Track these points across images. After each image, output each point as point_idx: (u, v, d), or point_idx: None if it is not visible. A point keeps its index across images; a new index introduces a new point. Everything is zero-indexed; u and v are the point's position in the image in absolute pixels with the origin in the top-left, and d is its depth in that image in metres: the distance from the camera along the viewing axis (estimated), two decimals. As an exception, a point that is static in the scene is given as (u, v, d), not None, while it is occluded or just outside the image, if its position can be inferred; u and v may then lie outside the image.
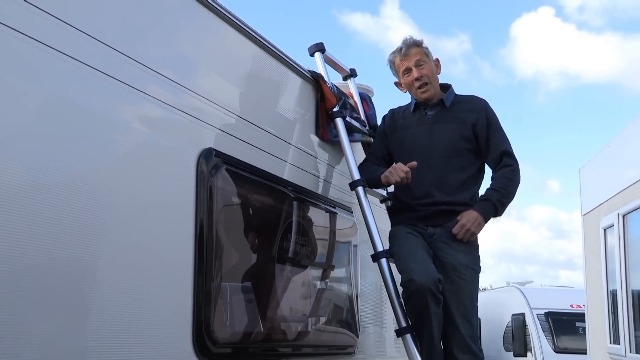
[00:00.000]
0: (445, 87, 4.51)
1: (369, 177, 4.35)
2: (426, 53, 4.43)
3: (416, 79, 4.33)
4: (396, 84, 4.55)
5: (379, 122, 4.82)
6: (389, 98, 5.64)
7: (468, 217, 4.18)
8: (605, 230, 7.83)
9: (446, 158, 4.31)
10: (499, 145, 4.37)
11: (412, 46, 4.40)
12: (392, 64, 4.51)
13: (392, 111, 4.65)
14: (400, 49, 4.42)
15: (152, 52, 2.97)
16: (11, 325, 2.24)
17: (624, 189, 7.20)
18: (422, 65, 4.36)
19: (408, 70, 4.37)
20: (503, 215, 4.37)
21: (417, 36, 4.51)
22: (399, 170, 4.15)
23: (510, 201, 4.37)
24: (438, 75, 4.49)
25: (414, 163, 4.14)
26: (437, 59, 4.49)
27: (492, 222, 4.32)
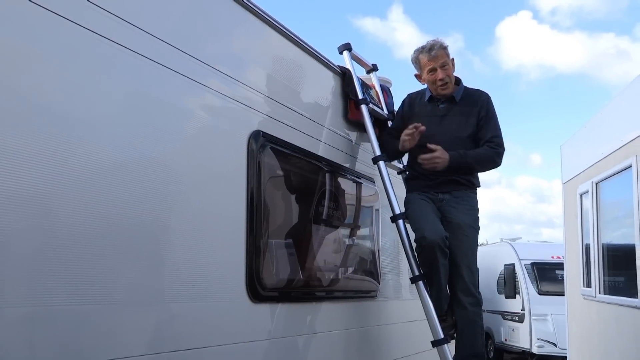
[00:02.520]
0: (457, 81, 4.43)
1: (389, 150, 4.35)
2: (448, 55, 4.35)
3: (440, 79, 4.26)
4: (416, 76, 4.45)
5: (396, 108, 4.79)
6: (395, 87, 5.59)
7: (442, 155, 4.09)
8: (581, 195, 7.82)
9: (452, 144, 4.24)
10: (490, 131, 4.31)
11: (440, 49, 4.30)
12: (417, 60, 4.39)
13: (410, 97, 4.58)
14: (430, 49, 4.29)
15: (212, 52, 2.98)
16: (105, 270, 2.29)
17: (597, 162, 7.16)
18: (445, 67, 4.28)
19: (433, 70, 4.28)
20: (480, 185, 4.39)
21: (422, 39, 4.53)
22: (409, 136, 4.15)
23: (477, 169, 4.34)
24: (454, 72, 4.40)
25: (423, 128, 4.12)
26: (453, 59, 4.40)
27: (482, 189, 4.30)
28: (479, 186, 4.41)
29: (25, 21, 2.08)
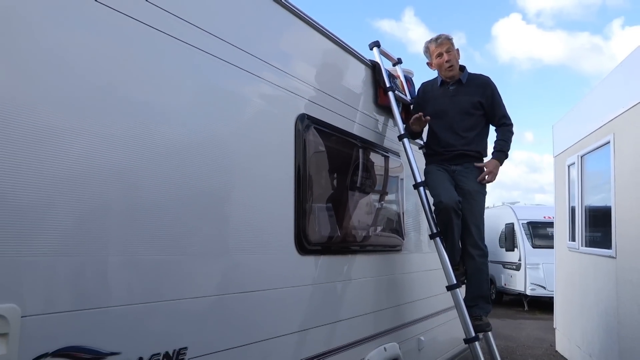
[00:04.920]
0: (462, 68, 4.40)
1: (410, 131, 4.32)
2: (453, 44, 4.35)
3: (446, 61, 4.27)
4: (428, 64, 4.44)
5: (417, 94, 4.76)
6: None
7: (491, 166, 4.19)
8: (569, 166, 7.76)
9: (461, 119, 4.25)
10: (499, 111, 4.33)
11: (445, 39, 4.33)
12: (427, 49, 4.40)
13: (423, 85, 4.56)
14: (437, 39, 4.34)
15: (265, 50, 2.96)
16: (184, 229, 2.32)
17: (582, 138, 7.12)
18: (450, 52, 4.30)
19: (440, 55, 4.30)
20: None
21: (430, 36, 4.49)
22: (414, 117, 4.18)
23: (510, 147, 4.35)
24: (459, 60, 4.39)
25: (427, 118, 4.18)
26: (458, 49, 4.37)
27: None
28: (486, 155, 4.39)
29: (124, 33, 2.10)
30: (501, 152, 4.26)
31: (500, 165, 4.23)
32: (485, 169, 4.18)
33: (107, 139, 2.01)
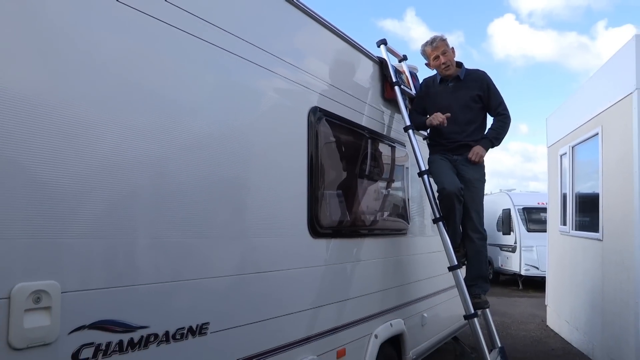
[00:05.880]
0: (459, 64, 4.36)
1: (416, 123, 4.29)
2: (447, 45, 4.30)
3: (443, 63, 4.25)
4: (426, 64, 4.41)
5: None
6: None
7: (476, 149, 4.15)
8: (561, 156, 7.74)
9: (462, 113, 4.22)
10: (496, 103, 4.28)
11: (440, 41, 4.28)
12: (424, 52, 4.36)
13: (425, 81, 4.54)
14: (432, 42, 4.29)
15: (280, 47, 2.94)
16: (206, 213, 2.33)
17: (574, 130, 7.11)
18: (445, 53, 4.25)
19: (437, 57, 4.27)
20: (501, 144, 4.35)
21: (431, 34, 4.45)
22: (438, 116, 4.13)
23: (503, 136, 4.30)
24: (454, 58, 4.34)
25: (449, 115, 4.12)
26: (453, 48, 4.33)
27: (491, 151, 4.32)
28: None
29: (151, 34, 2.11)
30: (486, 140, 4.23)
31: (485, 150, 4.19)
32: (471, 151, 4.16)
33: (136, 132, 2.02)
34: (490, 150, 4.26)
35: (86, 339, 1.78)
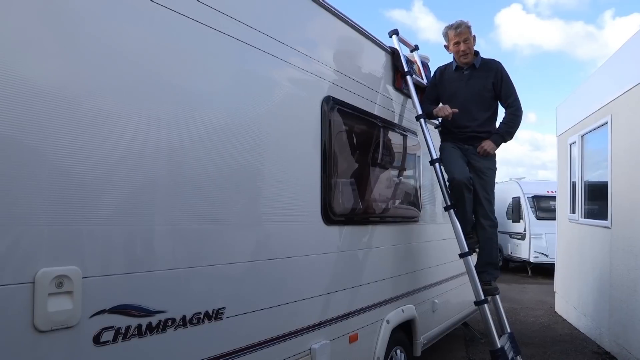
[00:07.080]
0: (475, 53, 4.29)
1: (427, 112, 4.25)
2: (471, 32, 4.23)
3: (462, 50, 4.19)
4: (445, 46, 4.34)
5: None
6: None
7: (486, 144, 4.11)
8: (570, 145, 7.66)
9: (474, 102, 4.18)
10: (508, 94, 4.21)
11: (464, 28, 4.20)
12: (446, 34, 4.29)
13: (439, 69, 4.46)
14: (457, 27, 4.21)
15: (294, 38, 2.93)
16: (222, 201, 2.33)
17: (583, 119, 7.04)
18: (467, 41, 4.19)
19: (457, 43, 4.20)
20: (513, 138, 4.26)
21: (438, 25, 4.51)
22: (445, 109, 4.09)
23: (515, 130, 4.23)
24: (474, 47, 4.28)
25: (456, 110, 4.08)
26: (475, 36, 4.26)
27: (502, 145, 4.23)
28: None
29: (170, 26, 2.10)
30: (498, 135, 4.16)
31: (496, 146, 4.13)
32: (481, 145, 4.12)
33: (156, 122, 2.02)
34: (502, 145, 4.20)
35: (106, 323, 1.81)
